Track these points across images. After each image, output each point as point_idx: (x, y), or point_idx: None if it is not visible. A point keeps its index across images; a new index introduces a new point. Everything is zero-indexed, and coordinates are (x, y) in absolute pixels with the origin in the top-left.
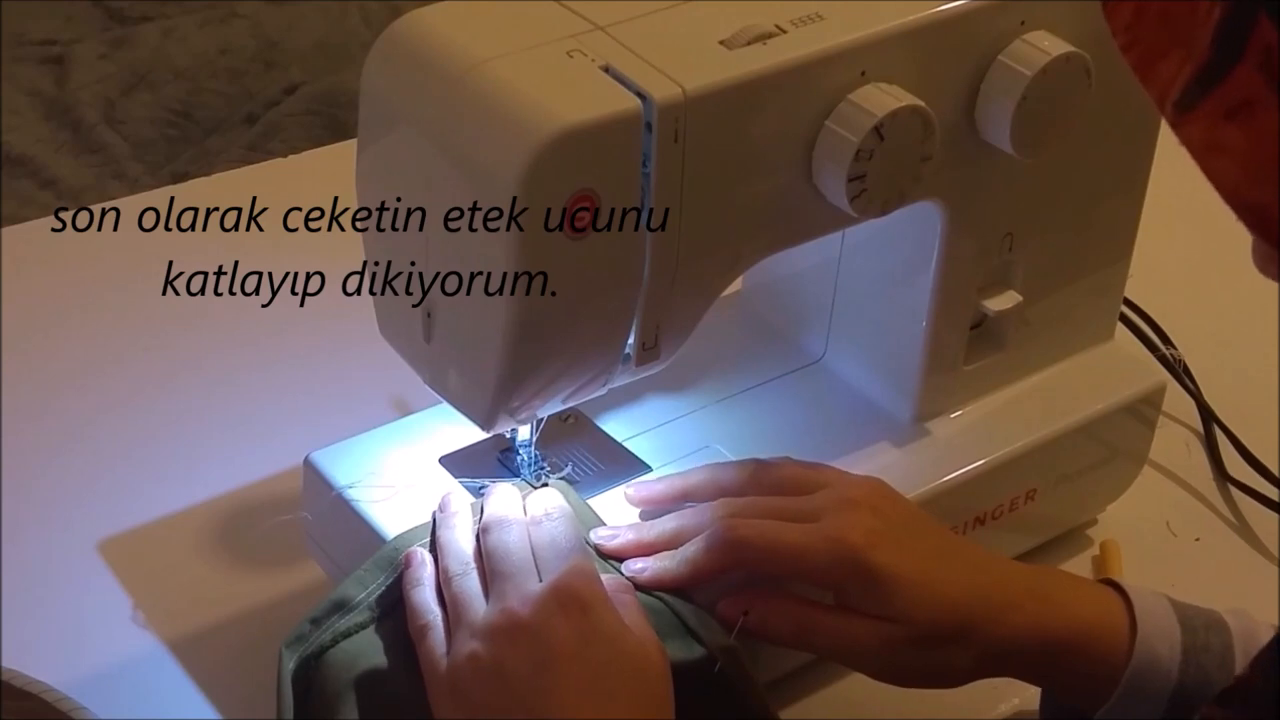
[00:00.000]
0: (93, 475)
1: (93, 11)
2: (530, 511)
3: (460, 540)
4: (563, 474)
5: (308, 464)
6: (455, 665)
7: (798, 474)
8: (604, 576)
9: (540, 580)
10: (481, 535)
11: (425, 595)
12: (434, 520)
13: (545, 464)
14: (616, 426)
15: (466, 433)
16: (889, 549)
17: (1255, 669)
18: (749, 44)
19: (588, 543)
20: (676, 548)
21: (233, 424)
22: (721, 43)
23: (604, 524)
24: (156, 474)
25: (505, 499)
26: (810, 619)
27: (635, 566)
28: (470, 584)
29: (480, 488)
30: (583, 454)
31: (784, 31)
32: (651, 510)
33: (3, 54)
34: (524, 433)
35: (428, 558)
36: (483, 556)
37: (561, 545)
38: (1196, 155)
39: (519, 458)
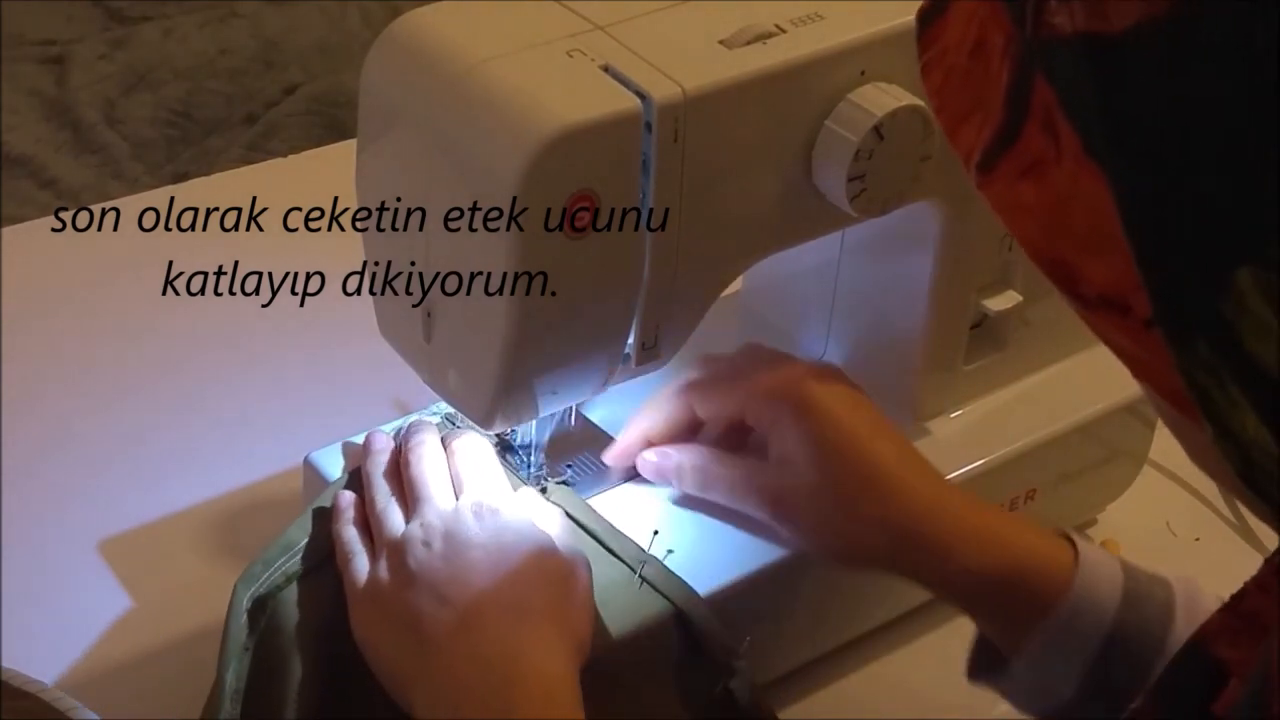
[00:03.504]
0: (93, 475)
1: (93, 11)
2: (452, 445)
3: (383, 474)
4: (562, 479)
5: (308, 464)
6: (373, 579)
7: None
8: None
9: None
10: (402, 468)
11: (352, 531)
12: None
13: (545, 469)
14: (616, 426)
15: None
16: (835, 397)
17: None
18: (749, 44)
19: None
20: None
21: (233, 424)
22: (721, 42)
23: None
24: (156, 474)
25: (424, 434)
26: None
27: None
28: (393, 512)
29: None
30: (583, 454)
31: (784, 31)
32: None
33: (3, 54)
34: (524, 433)
35: (355, 498)
36: (404, 487)
37: (480, 469)
38: (1000, 214)
39: (519, 458)
